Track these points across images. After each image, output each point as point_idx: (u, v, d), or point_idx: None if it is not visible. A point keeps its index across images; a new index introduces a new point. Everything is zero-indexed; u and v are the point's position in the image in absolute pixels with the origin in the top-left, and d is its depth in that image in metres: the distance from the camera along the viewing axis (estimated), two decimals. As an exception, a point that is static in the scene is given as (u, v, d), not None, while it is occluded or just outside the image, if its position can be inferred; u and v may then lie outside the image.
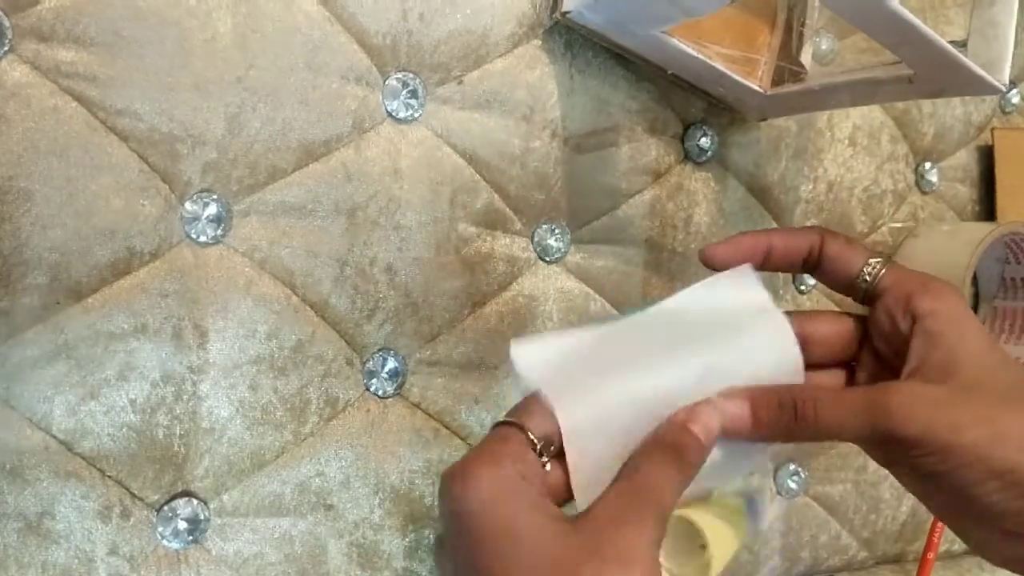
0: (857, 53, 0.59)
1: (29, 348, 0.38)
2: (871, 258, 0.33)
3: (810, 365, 0.33)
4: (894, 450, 0.30)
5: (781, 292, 0.58)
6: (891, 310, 0.32)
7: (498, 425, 0.30)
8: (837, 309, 0.60)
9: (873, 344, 0.34)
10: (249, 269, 0.42)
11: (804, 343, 0.33)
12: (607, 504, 0.27)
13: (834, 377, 0.35)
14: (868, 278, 0.33)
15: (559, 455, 0.30)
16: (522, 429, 0.29)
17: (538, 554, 0.26)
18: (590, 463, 0.30)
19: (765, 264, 0.35)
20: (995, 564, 0.30)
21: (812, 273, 0.35)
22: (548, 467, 0.29)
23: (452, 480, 0.28)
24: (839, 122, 0.59)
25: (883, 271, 0.33)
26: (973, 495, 0.28)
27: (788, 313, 0.33)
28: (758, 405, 0.31)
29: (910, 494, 0.31)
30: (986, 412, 0.28)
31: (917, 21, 0.37)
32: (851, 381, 0.35)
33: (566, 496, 0.30)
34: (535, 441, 0.29)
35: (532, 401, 0.30)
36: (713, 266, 0.35)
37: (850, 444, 0.32)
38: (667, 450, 0.29)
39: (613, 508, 0.27)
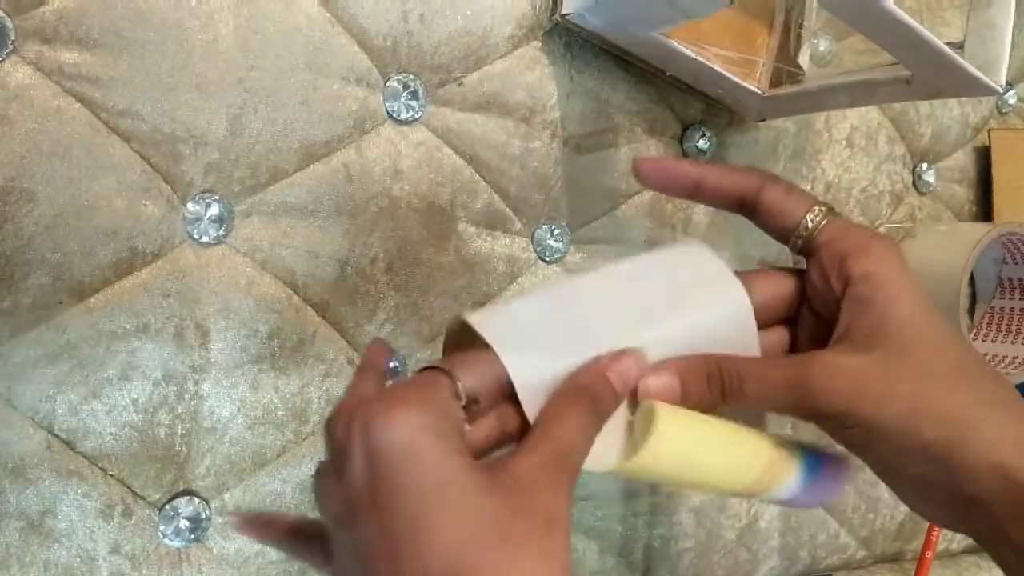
0: (855, 55, 0.60)
1: (31, 348, 0.38)
2: (811, 210, 0.31)
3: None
4: (820, 423, 0.29)
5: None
6: (825, 270, 0.30)
7: (427, 368, 0.28)
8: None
9: (811, 302, 0.32)
10: (251, 269, 0.42)
11: None
12: (525, 461, 0.26)
13: (777, 335, 0.33)
14: (804, 232, 0.31)
15: (479, 416, 0.28)
16: (452, 379, 0.27)
17: (467, 507, 0.24)
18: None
19: (692, 196, 0.33)
20: (942, 527, 0.30)
21: (749, 218, 0.33)
22: (468, 428, 0.27)
23: (375, 416, 0.25)
24: (837, 123, 0.59)
25: (822, 223, 0.31)
26: (898, 465, 0.28)
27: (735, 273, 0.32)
28: (687, 379, 0.30)
29: None
30: (907, 386, 0.28)
31: (914, 23, 0.37)
32: (794, 336, 0.33)
33: (487, 442, 0.28)
34: (462, 396, 0.27)
35: (469, 355, 0.29)
36: (639, 178, 0.34)
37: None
38: (582, 397, 0.28)
39: (533, 467, 0.26)
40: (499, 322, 0.30)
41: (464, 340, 0.30)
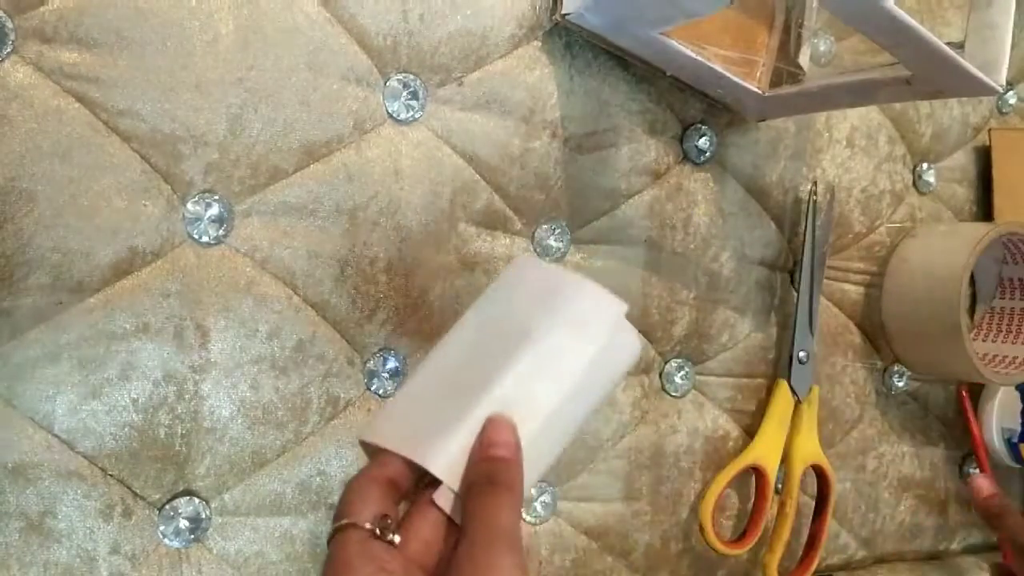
0: (855, 54, 0.60)
1: (31, 348, 0.38)
2: None
3: None
4: None
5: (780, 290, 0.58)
6: None
7: (332, 536, 0.29)
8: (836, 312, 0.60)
9: None
10: (250, 269, 0.42)
11: None
12: (457, 557, 0.28)
13: None
14: None
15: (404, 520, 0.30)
16: (356, 526, 0.29)
17: None
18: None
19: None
20: None
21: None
22: (398, 539, 0.29)
23: None
24: (837, 123, 0.59)
25: None
26: None
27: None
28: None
29: (909, 493, 0.32)
30: None
31: (914, 23, 0.37)
32: None
33: (433, 553, 0.30)
34: (373, 528, 0.29)
35: (350, 492, 0.30)
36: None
37: (849, 443, 0.32)
38: (488, 488, 0.29)
39: (464, 557, 0.28)
40: (384, 423, 0.33)
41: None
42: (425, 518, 0.30)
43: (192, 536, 0.41)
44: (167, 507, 0.41)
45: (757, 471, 0.55)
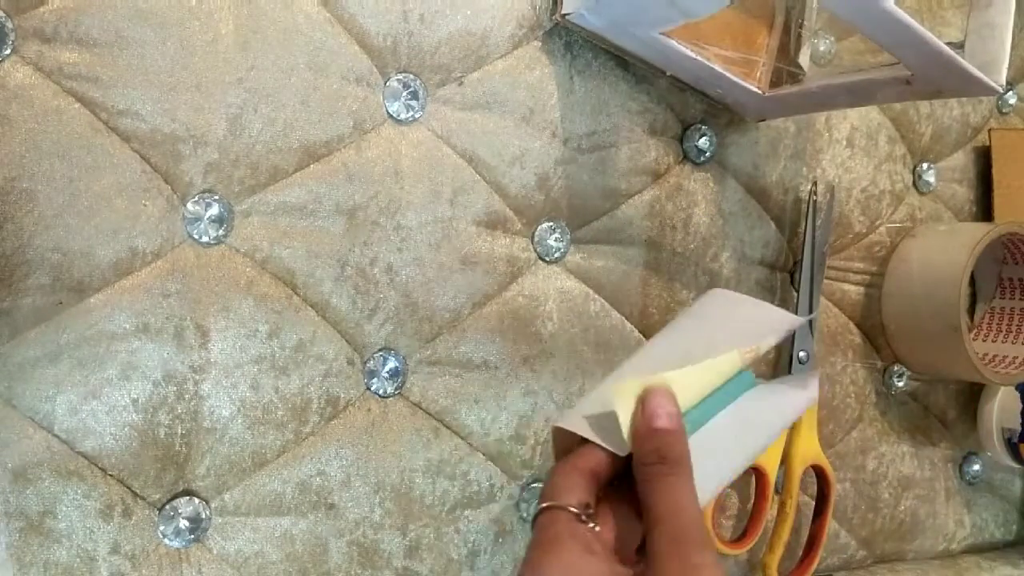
0: (855, 54, 0.60)
1: (31, 348, 0.38)
2: None
3: None
4: None
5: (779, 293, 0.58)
6: None
7: (539, 514, 0.31)
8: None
9: None
10: (250, 269, 0.42)
11: None
12: (657, 555, 0.28)
13: None
14: None
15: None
16: (563, 508, 0.30)
17: None
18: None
19: None
20: None
21: None
22: (598, 528, 0.30)
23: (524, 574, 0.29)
24: (837, 123, 0.59)
25: None
26: None
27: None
28: None
29: (909, 493, 0.32)
30: None
31: (914, 23, 0.37)
32: None
33: (623, 545, 0.31)
34: (579, 513, 0.30)
35: (557, 478, 0.31)
36: None
37: (849, 443, 0.32)
38: (663, 467, 0.30)
39: (664, 555, 0.28)
40: (583, 415, 0.33)
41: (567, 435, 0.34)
42: (617, 511, 0.31)
43: (192, 536, 0.41)
44: (167, 507, 0.41)
45: (757, 471, 0.55)
